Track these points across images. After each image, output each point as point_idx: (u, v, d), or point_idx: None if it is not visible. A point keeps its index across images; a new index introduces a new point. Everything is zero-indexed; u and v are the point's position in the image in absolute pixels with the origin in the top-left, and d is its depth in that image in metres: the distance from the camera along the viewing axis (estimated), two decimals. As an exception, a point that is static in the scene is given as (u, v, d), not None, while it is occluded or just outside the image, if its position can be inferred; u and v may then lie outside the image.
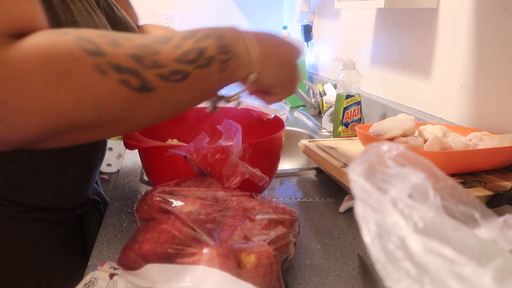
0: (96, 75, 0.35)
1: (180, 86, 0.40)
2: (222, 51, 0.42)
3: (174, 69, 0.39)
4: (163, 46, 0.39)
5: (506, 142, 0.65)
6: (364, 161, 0.30)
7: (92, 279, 0.42)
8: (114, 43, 0.37)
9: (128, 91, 0.37)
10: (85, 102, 0.35)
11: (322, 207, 0.71)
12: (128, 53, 0.37)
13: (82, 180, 0.64)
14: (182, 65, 0.40)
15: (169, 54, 0.39)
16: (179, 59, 0.40)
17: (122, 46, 0.37)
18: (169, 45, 0.40)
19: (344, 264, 0.55)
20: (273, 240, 0.46)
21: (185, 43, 0.41)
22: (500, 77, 0.74)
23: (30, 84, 0.32)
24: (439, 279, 0.24)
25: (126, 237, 0.60)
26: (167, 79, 0.39)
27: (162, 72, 0.38)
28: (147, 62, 0.38)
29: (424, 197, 0.28)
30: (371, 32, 1.19)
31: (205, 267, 0.41)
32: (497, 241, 0.29)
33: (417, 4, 0.90)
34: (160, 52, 0.39)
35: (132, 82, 0.37)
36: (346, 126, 1.03)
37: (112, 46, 0.36)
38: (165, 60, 0.39)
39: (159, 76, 0.38)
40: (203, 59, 0.41)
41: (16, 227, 0.55)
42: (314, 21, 1.66)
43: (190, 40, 0.41)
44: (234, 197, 0.51)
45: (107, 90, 0.36)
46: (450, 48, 0.86)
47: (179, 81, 0.40)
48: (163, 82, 0.39)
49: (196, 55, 0.41)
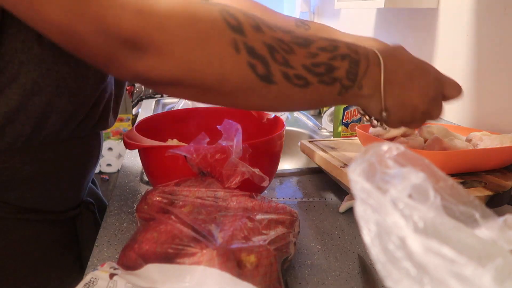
0: (231, 49, 0.37)
1: (297, 91, 0.41)
2: (349, 78, 0.43)
3: (299, 74, 0.40)
4: (299, 49, 0.40)
5: (506, 142, 0.65)
6: (364, 161, 0.30)
7: (92, 279, 0.42)
8: (256, 27, 0.39)
9: (251, 75, 0.39)
10: (212, 67, 0.38)
11: (322, 207, 0.71)
12: (265, 42, 0.39)
13: (75, 183, 0.63)
14: (307, 74, 0.41)
15: (301, 58, 0.40)
16: (308, 67, 0.41)
17: (264, 32, 0.39)
18: (306, 51, 0.41)
19: (344, 264, 0.55)
20: (273, 240, 0.46)
21: (321, 55, 0.41)
22: (500, 77, 0.74)
23: (171, 34, 0.36)
24: (439, 279, 0.24)
25: (126, 237, 0.60)
26: (289, 80, 0.40)
27: (288, 72, 0.40)
28: (279, 58, 0.39)
29: (424, 197, 0.28)
30: (371, 32, 1.19)
31: (205, 267, 0.41)
32: (497, 241, 0.29)
33: (417, 4, 0.90)
34: (295, 53, 0.40)
35: (259, 68, 0.39)
36: (346, 126, 1.03)
37: (253, 29, 0.38)
38: (296, 62, 0.40)
39: (283, 74, 0.40)
40: (330, 77, 0.42)
41: (7, 228, 0.54)
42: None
43: (327, 54, 0.42)
44: (234, 197, 0.51)
45: (235, 66, 0.38)
46: (450, 48, 0.86)
47: (299, 86, 0.41)
48: (284, 80, 0.40)
49: (325, 70, 0.41)
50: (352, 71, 0.43)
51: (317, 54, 0.41)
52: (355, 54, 0.43)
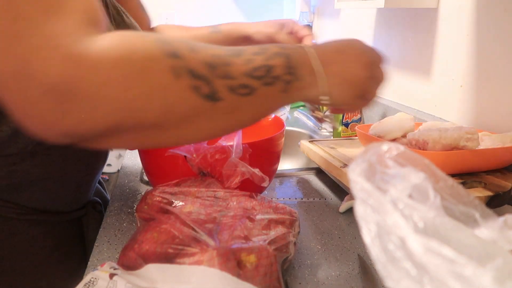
0: (171, 76, 0.35)
1: (245, 101, 0.41)
2: (288, 72, 0.43)
3: (242, 83, 0.40)
4: (235, 59, 0.40)
5: (507, 142, 0.65)
6: (364, 161, 0.30)
7: (92, 279, 0.42)
8: (191, 49, 0.37)
9: (197, 98, 0.37)
10: (154, 101, 0.35)
11: (322, 207, 0.71)
12: (203, 60, 0.37)
13: (84, 184, 0.64)
14: (250, 80, 0.40)
15: (240, 67, 0.40)
16: (249, 73, 0.40)
17: (199, 52, 0.38)
18: (241, 59, 0.40)
19: (344, 264, 0.55)
20: (273, 240, 0.46)
21: (256, 59, 0.41)
22: (500, 77, 0.74)
23: (106, 76, 0.33)
24: (439, 279, 0.24)
25: (126, 237, 0.60)
26: (234, 92, 0.39)
27: (232, 84, 0.39)
28: (219, 72, 0.38)
29: (424, 197, 0.28)
30: (371, 32, 1.19)
31: (205, 267, 0.41)
32: (497, 241, 0.29)
33: (417, 4, 0.90)
34: (232, 64, 0.39)
35: (203, 89, 0.37)
36: (346, 126, 1.03)
37: (189, 51, 0.37)
38: (236, 72, 0.39)
39: (228, 87, 0.39)
40: (270, 77, 0.42)
41: (16, 228, 0.55)
42: (314, 21, 1.66)
43: (261, 57, 0.41)
44: (234, 197, 0.51)
45: (178, 93, 0.36)
46: (450, 48, 0.86)
47: (245, 95, 0.40)
48: (230, 94, 0.39)
49: (265, 72, 0.41)
50: (289, 65, 0.43)
51: (253, 59, 0.41)
52: (285, 50, 0.44)
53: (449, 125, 0.73)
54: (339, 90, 0.46)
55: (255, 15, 2.06)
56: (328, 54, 0.46)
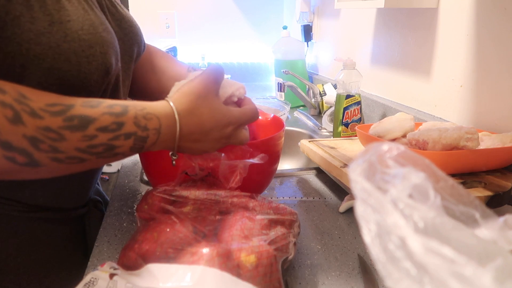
0: None
1: (72, 166, 0.41)
2: (133, 151, 0.43)
3: (72, 156, 0.39)
4: (72, 134, 0.38)
5: (507, 142, 0.65)
6: (364, 161, 0.30)
7: (92, 279, 0.42)
8: (15, 119, 0.36)
9: (11, 164, 0.37)
10: None
11: (322, 207, 0.71)
12: (25, 134, 0.36)
13: (85, 181, 0.64)
14: (83, 154, 0.39)
15: (74, 143, 0.38)
16: (83, 149, 0.39)
17: (23, 124, 0.36)
18: (81, 134, 0.38)
19: (344, 264, 0.55)
20: (273, 240, 0.46)
21: (100, 136, 0.39)
22: (500, 77, 0.74)
23: None
24: (439, 279, 0.24)
25: (126, 237, 0.60)
26: (60, 161, 0.39)
27: (57, 157, 0.38)
28: (44, 147, 0.37)
29: (424, 197, 0.28)
30: (371, 32, 1.19)
31: (205, 267, 0.41)
32: (497, 241, 0.29)
33: (417, 4, 0.90)
34: (66, 139, 0.38)
35: (19, 159, 0.37)
36: (346, 126, 1.03)
37: (10, 123, 0.36)
38: (67, 148, 0.38)
39: (52, 158, 0.38)
40: (110, 153, 0.41)
41: (19, 226, 0.55)
42: (314, 21, 1.66)
43: (108, 135, 0.40)
44: (234, 198, 0.51)
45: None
46: (450, 48, 0.86)
47: (72, 163, 0.40)
48: (54, 162, 0.39)
49: (104, 150, 0.40)
50: (137, 147, 0.43)
51: (96, 136, 0.39)
52: (143, 131, 0.42)
53: (449, 125, 0.73)
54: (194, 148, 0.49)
55: (255, 15, 2.06)
56: (193, 136, 0.47)
